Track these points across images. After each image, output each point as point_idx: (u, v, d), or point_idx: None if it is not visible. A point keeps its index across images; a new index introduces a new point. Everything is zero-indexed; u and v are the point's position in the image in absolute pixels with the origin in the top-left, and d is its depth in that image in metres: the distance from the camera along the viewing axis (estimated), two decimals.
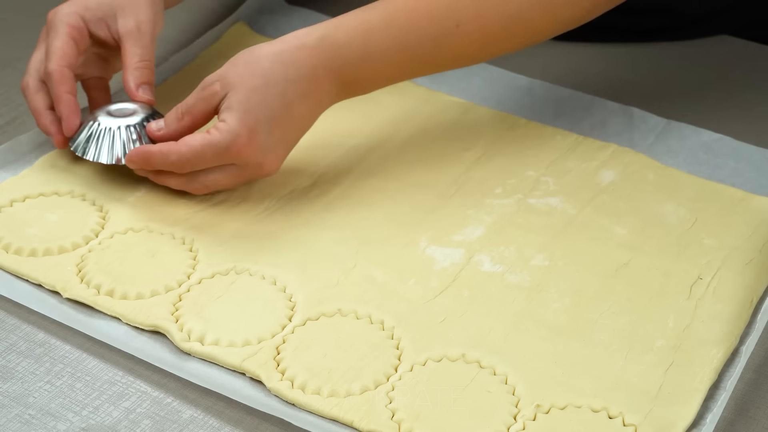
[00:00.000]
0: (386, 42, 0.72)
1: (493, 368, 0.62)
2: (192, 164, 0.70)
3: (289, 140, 0.72)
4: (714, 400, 0.61)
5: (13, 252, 0.69)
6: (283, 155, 0.72)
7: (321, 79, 0.71)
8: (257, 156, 0.70)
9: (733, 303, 0.67)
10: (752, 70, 0.90)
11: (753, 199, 0.75)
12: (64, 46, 0.73)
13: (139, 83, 0.74)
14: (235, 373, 0.62)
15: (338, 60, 0.71)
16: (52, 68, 0.73)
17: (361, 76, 0.72)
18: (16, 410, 0.60)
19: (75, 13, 0.74)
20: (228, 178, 0.71)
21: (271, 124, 0.70)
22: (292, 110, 0.70)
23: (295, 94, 0.70)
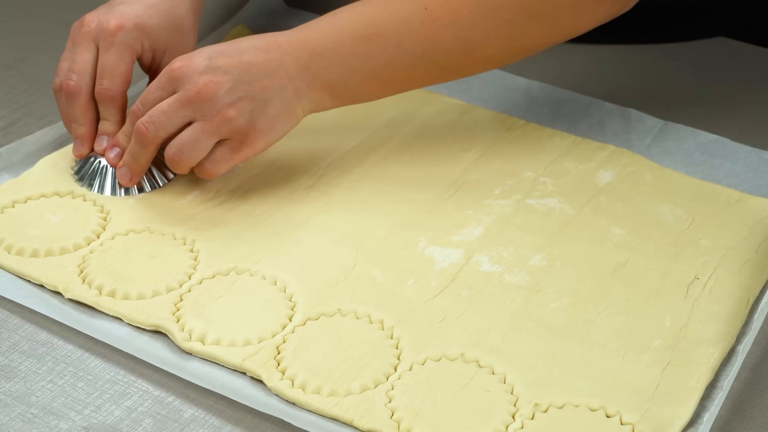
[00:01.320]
0: (353, 16, 0.72)
1: (491, 367, 0.62)
2: (143, 102, 0.70)
3: (236, 75, 0.70)
4: (711, 399, 0.61)
5: (15, 253, 0.69)
6: (229, 86, 0.69)
7: (280, 41, 0.71)
8: (191, 73, 0.69)
9: (729, 303, 0.67)
10: (749, 72, 0.91)
11: (749, 200, 0.75)
12: (127, 71, 0.74)
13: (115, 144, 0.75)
14: (236, 373, 0.63)
15: (304, 30, 0.72)
16: (117, 92, 0.74)
17: (326, 47, 0.71)
18: (18, 409, 0.60)
19: (138, 38, 0.74)
20: (170, 104, 0.69)
21: (213, 57, 0.70)
22: (243, 54, 0.70)
23: (247, 43, 0.71)
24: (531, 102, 0.85)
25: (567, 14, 0.74)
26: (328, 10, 0.73)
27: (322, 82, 0.72)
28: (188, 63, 0.69)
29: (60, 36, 0.93)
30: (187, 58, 0.70)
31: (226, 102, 0.69)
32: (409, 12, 0.72)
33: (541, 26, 0.74)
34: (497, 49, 0.74)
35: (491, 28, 0.72)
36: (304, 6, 0.98)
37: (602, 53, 0.91)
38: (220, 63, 0.70)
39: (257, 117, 0.70)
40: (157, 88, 0.70)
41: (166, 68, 0.70)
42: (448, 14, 0.72)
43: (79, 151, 0.75)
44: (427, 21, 0.72)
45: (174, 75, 0.70)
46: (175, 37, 0.76)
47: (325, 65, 0.71)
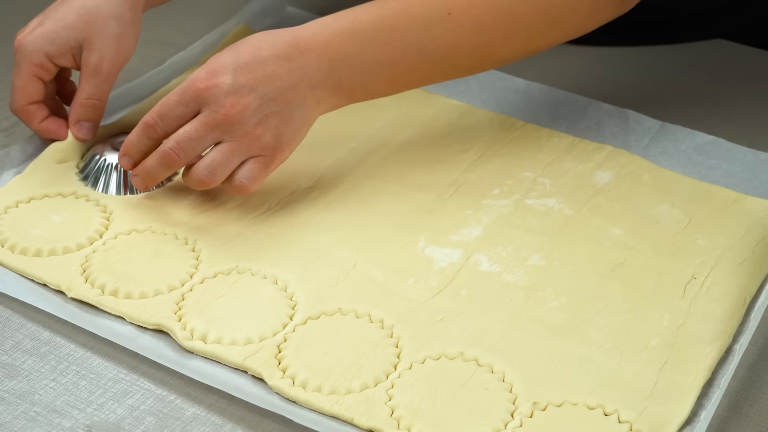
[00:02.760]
0: (375, 20, 0.71)
1: (490, 366, 0.63)
2: (161, 116, 0.69)
3: (262, 93, 0.69)
4: (708, 398, 0.62)
5: (19, 252, 0.69)
6: (255, 105, 0.69)
7: (302, 48, 0.70)
8: (218, 94, 0.68)
9: (726, 302, 0.67)
10: (746, 74, 0.91)
11: (746, 200, 0.76)
12: (27, 85, 0.75)
13: (77, 119, 0.75)
14: (237, 371, 0.63)
15: (324, 34, 0.70)
16: (16, 109, 0.75)
17: (349, 53, 0.71)
18: (22, 407, 0.61)
19: (39, 50, 0.74)
20: (196, 127, 0.69)
21: (236, 69, 0.68)
22: (265, 65, 0.69)
23: (269, 52, 0.69)
24: (530, 103, 0.85)
25: (582, 17, 0.75)
26: (331, 10, 0.73)
27: (342, 87, 0.72)
28: (214, 83, 0.68)
29: None
30: (210, 76, 0.68)
31: (253, 122, 0.69)
32: (432, 17, 0.71)
33: (558, 29, 0.75)
34: (513, 52, 0.75)
35: (511, 33, 0.73)
36: (307, 6, 0.98)
37: (600, 55, 0.92)
38: (245, 80, 0.68)
39: (282, 130, 0.70)
40: (178, 104, 0.69)
41: (188, 84, 0.69)
42: (471, 21, 0.72)
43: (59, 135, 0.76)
44: (449, 27, 0.71)
45: (199, 94, 0.68)
46: (88, 31, 0.75)
47: (347, 72, 0.71)
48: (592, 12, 0.75)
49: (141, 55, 0.91)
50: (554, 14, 0.73)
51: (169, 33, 0.81)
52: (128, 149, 0.72)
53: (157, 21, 0.95)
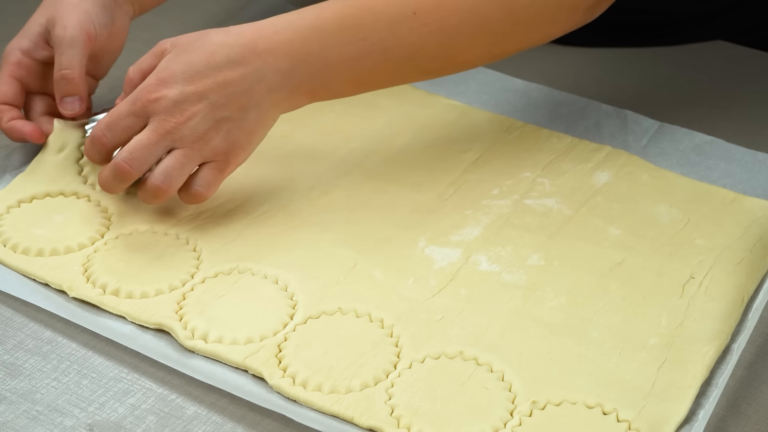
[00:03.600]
0: (338, 19, 0.69)
1: (490, 365, 0.63)
2: (111, 127, 0.69)
3: (212, 100, 0.68)
4: (706, 397, 0.62)
5: (21, 252, 0.70)
6: (205, 111, 0.68)
7: (260, 50, 0.68)
8: (167, 105, 0.67)
9: (724, 302, 0.67)
10: (744, 74, 0.91)
11: (744, 200, 0.76)
12: (2, 86, 0.74)
13: (60, 97, 0.74)
14: (238, 370, 0.63)
15: (287, 32, 0.69)
16: None
17: (311, 53, 0.69)
18: (24, 406, 0.61)
19: (15, 49, 0.74)
20: (147, 135, 0.68)
21: (187, 80, 0.67)
22: (218, 72, 0.68)
23: (225, 57, 0.68)
24: (529, 104, 0.85)
25: (547, 21, 0.74)
26: None
27: (303, 87, 0.70)
28: (162, 94, 0.67)
29: None
30: (159, 85, 0.67)
31: (203, 128, 0.68)
32: (397, 17, 0.70)
33: (522, 32, 0.73)
34: (478, 54, 0.74)
35: (477, 34, 0.72)
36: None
37: (599, 56, 0.92)
38: (195, 89, 0.67)
39: (236, 134, 0.69)
40: (128, 114, 0.68)
41: (138, 94, 0.68)
42: (437, 21, 0.70)
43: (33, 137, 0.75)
44: (414, 27, 0.70)
45: (149, 105, 0.68)
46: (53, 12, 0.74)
47: (308, 72, 0.70)
48: (557, 17, 0.74)
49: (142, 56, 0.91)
50: (519, 17, 0.72)
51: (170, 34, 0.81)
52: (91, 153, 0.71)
53: (156, 22, 0.95)
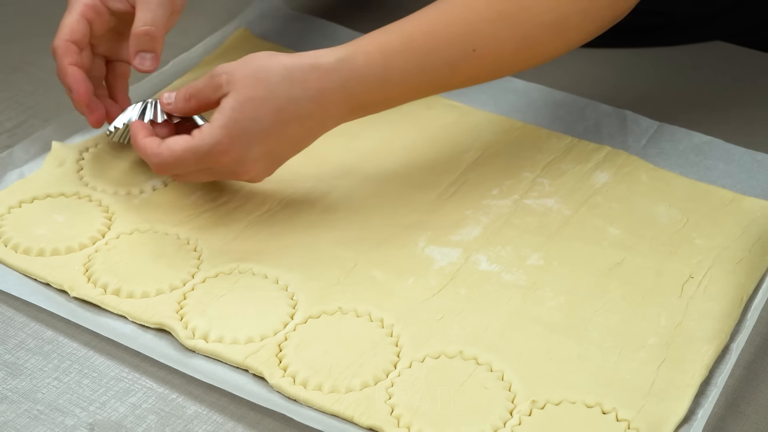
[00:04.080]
0: (405, 65, 0.70)
1: (489, 365, 0.63)
2: (171, 168, 0.69)
3: (277, 157, 0.70)
4: (705, 396, 0.62)
5: (22, 252, 0.70)
6: (265, 169, 0.70)
7: (327, 103, 0.69)
8: (234, 165, 0.69)
9: (723, 301, 0.67)
10: (743, 75, 0.91)
11: (743, 200, 0.76)
12: (73, 23, 0.73)
13: (137, 50, 0.73)
14: (239, 370, 0.63)
15: (353, 83, 0.69)
16: (56, 43, 0.72)
17: (375, 100, 0.71)
18: (25, 406, 0.61)
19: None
20: (197, 174, 0.71)
21: (256, 139, 0.68)
22: (286, 130, 0.69)
23: (292, 115, 0.68)
24: (529, 104, 0.85)
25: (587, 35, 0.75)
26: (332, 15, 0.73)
27: (352, 120, 0.72)
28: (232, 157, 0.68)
29: None
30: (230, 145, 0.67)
31: (257, 179, 0.71)
32: (458, 55, 0.71)
33: (565, 46, 0.75)
34: (521, 69, 0.75)
35: (527, 57, 0.73)
36: (307, 9, 0.98)
37: (598, 56, 0.92)
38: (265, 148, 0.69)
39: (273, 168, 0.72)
40: (194, 161, 0.68)
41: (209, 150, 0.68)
42: (494, 54, 0.71)
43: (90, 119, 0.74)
44: (472, 63, 0.71)
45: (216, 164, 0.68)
46: None
47: (366, 113, 0.72)
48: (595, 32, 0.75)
49: None
50: (568, 36, 0.73)
51: (172, 34, 0.81)
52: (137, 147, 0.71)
53: None
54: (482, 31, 0.71)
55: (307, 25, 0.96)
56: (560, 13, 0.71)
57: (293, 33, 0.95)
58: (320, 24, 0.96)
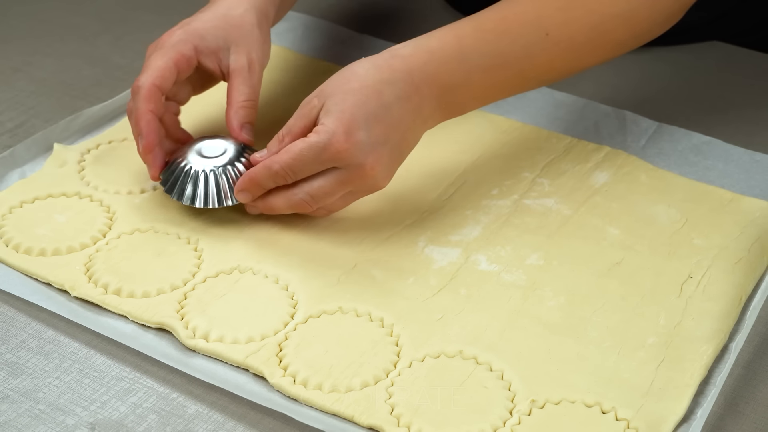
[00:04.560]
0: (479, 46, 0.71)
1: (489, 364, 0.63)
2: (294, 170, 0.68)
3: (392, 143, 0.69)
4: (704, 396, 0.62)
5: (23, 251, 0.70)
6: (386, 158, 0.69)
7: (417, 83, 0.69)
8: (357, 155, 0.67)
9: (722, 301, 0.67)
10: (741, 75, 0.91)
11: (742, 200, 0.76)
12: (164, 67, 0.72)
13: (243, 123, 0.73)
14: (239, 369, 0.63)
15: (433, 64, 0.70)
16: (143, 83, 0.71)
17: (458, 81, 0.71)
18: (26, 405, 0.61)
19: (188, 41, 0.73)
20: (332, 184, 0.69)
21: (369, 122, 0.68)
22: (391, 110, 0.68)
23: (392, 95, 0.68)
24: (528, 104, 0.85)
25: (657, 27, 0.76)
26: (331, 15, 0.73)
27: (445, 112, 0.72)
28: (353, 143, 0.67)
29: (66, 39, 0.95)
30: (348, 135, 0.67)
31: (382, 176, 0.70)
32: (532, 39, 0.72)
33: (636, 41, 0.76)
34: (593, 64, 0.76)
35: (600, 49, 0.74)
36: (306, 10, 0.99)
37: None
38: (378, 133, 0.68)
39: (392, 167, 0.71)
40: (314, 162, 0.68)
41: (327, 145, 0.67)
42: (567, 40, 0.72)
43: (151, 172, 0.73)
44: (546, 48, 0.72)
45: (339, 157, 0.67)
46: (236, 34, 0.74)
47: (453, 100, 0.71)
48: (665, 23, 0.76)
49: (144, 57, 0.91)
50: (639, 29, 0.75)
51: None
52: (249, 187, 0.70)
53: (159, 23, 0.95)
54: (553, 17, 0.72)
55: (307, 26, 0.96)
56: (630, 4, 0.73)
57: (293, 34, 0.95)
58: (321, 25, 0.96)
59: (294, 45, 0.93)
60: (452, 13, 0.97)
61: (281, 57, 0.91)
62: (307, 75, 0.89)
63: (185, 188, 0.71)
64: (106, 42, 0.94)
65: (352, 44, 0.93)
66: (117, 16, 0.98)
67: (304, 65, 0.91)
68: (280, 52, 0.92)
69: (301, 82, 0.88)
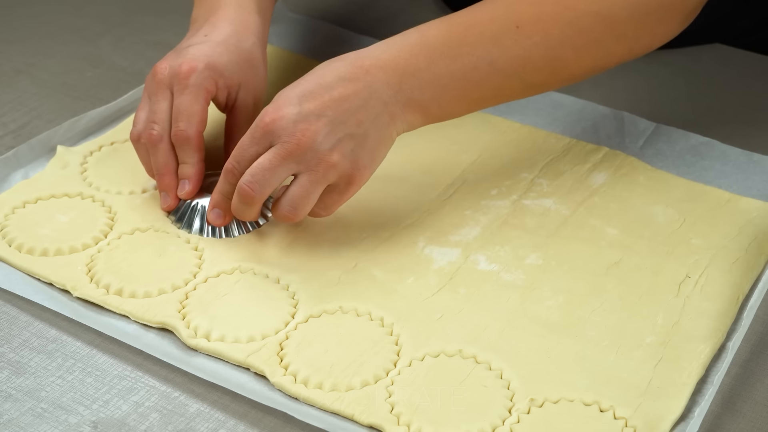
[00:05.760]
0: (443, 36, 0.69)
1: (488, 363, 0.63)
2: (238, 159, 0.68)
3: (331, 117, 0.67)
4: (701, 394, 0.62)
5: (26, 251, 0.70)
6: (325, 129, 0.66)
7: (368, 66, 0.68)
8: (286, 125, 0.66)
9: (720, 301, 0.68)
10: (739, 76, 0.92)
11: (739, 201, 0.76)
12: (201, 111, 0.71)
13: None
14: (240, 369, 0.64)
15: (392, 50, 0.68)
16: (191, 134, 0.71)
17: (418, 66, 0.68)
18: (29, 404, 0.61)
19: (212, 78, 0.72)
20: (271, 159, 0.66)
21: (302, 98, 0.66)
22: (331, 90, 0.67)
23: (335, 76, 0.67)
24: (527, 105, 0.86)
25: (648, 34, 0.74)
26: (330, 16, 0.73)
27: (414, 102, 0.69)
28: (280, 114, 0.66)
29: (69, 41, 0.95)
30: (276, 109, 0.66)
31: (326, 148, 0.67)
32: (501, 30, 0.70)
33: (623, 46, 0.74)
34: (581, 68, 0.74)
35: (580, 47, 0.72)
36: (306, 11, 0.99)
37: None
38: (311, 107, 0.66)
39: (359, 153, 0.68)
40: (251, 144, 0.67)
41: (256, 122, 0.67)
42: (540, 33, 0.70)
43: (166, 203, 0.73)
44: (518, 40, 0.70)
45: (268, 129, 0.66)
46: (248, 71, 0.74)
47: (418, 85, 0.69)
48: (657, 30, 0.74)
49: (146, 59, 0.92)
50: (620, 30, 0.72)
51: (174, 37, 0.81)
52: (216, 201, 0.71)
53: (161, 25, 0.96)
54: (525, 12, 0.70)
55: (307, 27, 0.96)
56: (607, 2, 0.71)
57: (293, 35, 0.95)
58: (320, 26, 0.96)
59: (293, 46, 0.94)
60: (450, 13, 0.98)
61: (280, 58, 0.91)
62: None
63: (193, 222, 0.72)
64: (108, 44, 0.95)
65: (352, 45, 0.93)
66: (119, 18, 0.99)
67: (303, 66, 0.91)
68: (279, 53, 0.92)
69: None
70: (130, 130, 0.75)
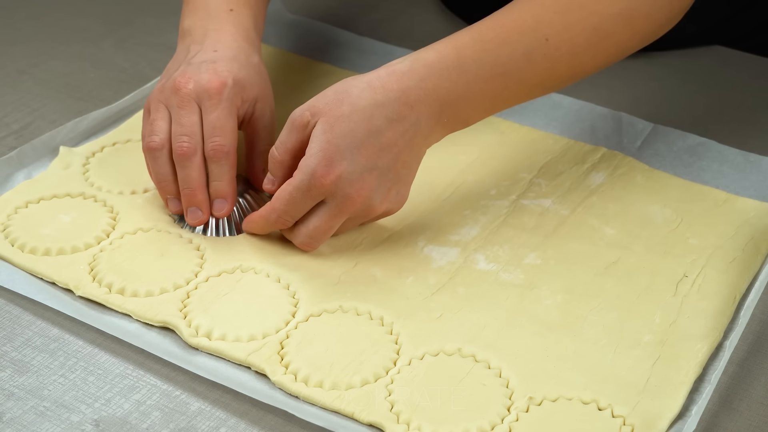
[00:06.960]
0: (478, 56, 0.69)
1: (487, 362, 0.64)
2: (290, 214, 0.69)
3: (382, 167, 0.68)
4: (699, 393, 0.62)
5: (29, 251, 0.70)
6: (376, 183, 0.68)
7: (413, 102, 0.68)
8: (342, 185, 0.67)
9: (717, 300, 0.68)
10: (736, 77, 0.92)
11: (736, 201, 0.77)
12: (235, 128, 0.72)
13: (263, 168, 0.73)
14: (241, 367, 0.64)
15: (432, 79, 0.68)
16: (230, 149, 0.71)
17: (458, 94, 0.69)
18: (31, 402, 0.62)
19: (238, 94, 0.72)
20: (325, 220, 0.69)
21: (354, 150, 0.66)
22: (380, 135, 0.67)
23: (383, 118, 0.67)
24: (525, 106, 0.86)
25: (657, 26, 0.75)
26: (330, 18, 0.73)
27: (447, 125, 0.70)
28: (336, 175, 0.66)
29: (71, 42, 0.95)
30: (330, 167, 0.66)
31: (378, 201, 0.69)
32: (531, 46, 0.70)
33: (636, 40, 0.74)
34: (596, 67, 0.74)
35: (601, 49, 0.73)
36: (306, 12, 0.99)
37: None
38: (364, 161, 0.67)
39: (402, 192, 0.70)
40: (304, 199, 0.68)
41: (312, 180, 0.67)
42: (567, 43, 0.71)
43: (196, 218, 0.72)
44: (547, 54, 0.70)
45: (325, 189, 0.67)
46: (261, 84, 0.74)
47: (455, 112, 0.70)
48: (665, 22, 0.75)
49: (148, 60, 0.92)
50: (638, 26, 0.73)
51: (173, 37, 0.82)
52: (254, 229, 0.72)
53: (163, 27, 0.97)
54: (552, 22, 0.70)
55: (306, 29, 0.96)
56: (629, 2, 0.72)
57: (293, 37, 0.96)
58: (320, 27, 0.97)
59: (294, 47, 0.94)
60: (450, 15, 0.98)
61: (281, 59, 0.92)
62: (306, 77, 0.90)
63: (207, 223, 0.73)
64: (111, 45, 0.95)
65: (352, 46, 0.94)
66: (121, 19, 0.99)
67: (303, 67, 0.91)
68: (280, 54, 0.92)
69: (301, 84, 0.88)
70: (131, 131, 0.75)
